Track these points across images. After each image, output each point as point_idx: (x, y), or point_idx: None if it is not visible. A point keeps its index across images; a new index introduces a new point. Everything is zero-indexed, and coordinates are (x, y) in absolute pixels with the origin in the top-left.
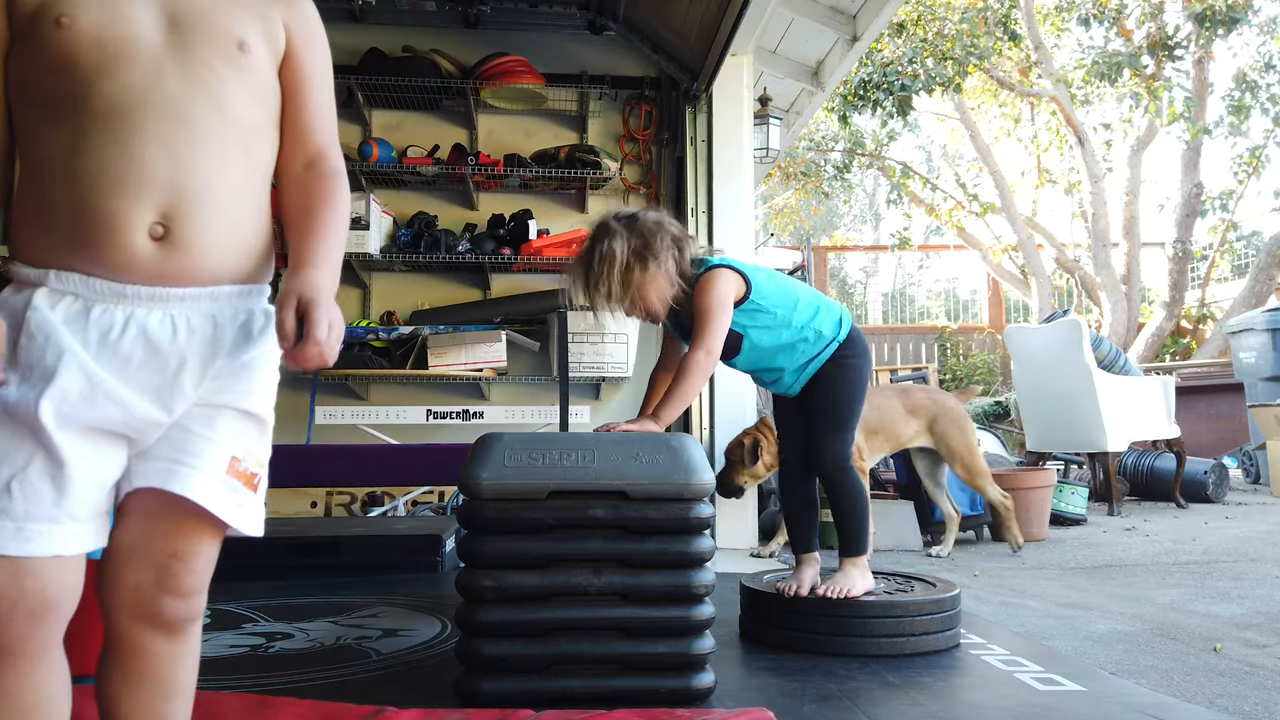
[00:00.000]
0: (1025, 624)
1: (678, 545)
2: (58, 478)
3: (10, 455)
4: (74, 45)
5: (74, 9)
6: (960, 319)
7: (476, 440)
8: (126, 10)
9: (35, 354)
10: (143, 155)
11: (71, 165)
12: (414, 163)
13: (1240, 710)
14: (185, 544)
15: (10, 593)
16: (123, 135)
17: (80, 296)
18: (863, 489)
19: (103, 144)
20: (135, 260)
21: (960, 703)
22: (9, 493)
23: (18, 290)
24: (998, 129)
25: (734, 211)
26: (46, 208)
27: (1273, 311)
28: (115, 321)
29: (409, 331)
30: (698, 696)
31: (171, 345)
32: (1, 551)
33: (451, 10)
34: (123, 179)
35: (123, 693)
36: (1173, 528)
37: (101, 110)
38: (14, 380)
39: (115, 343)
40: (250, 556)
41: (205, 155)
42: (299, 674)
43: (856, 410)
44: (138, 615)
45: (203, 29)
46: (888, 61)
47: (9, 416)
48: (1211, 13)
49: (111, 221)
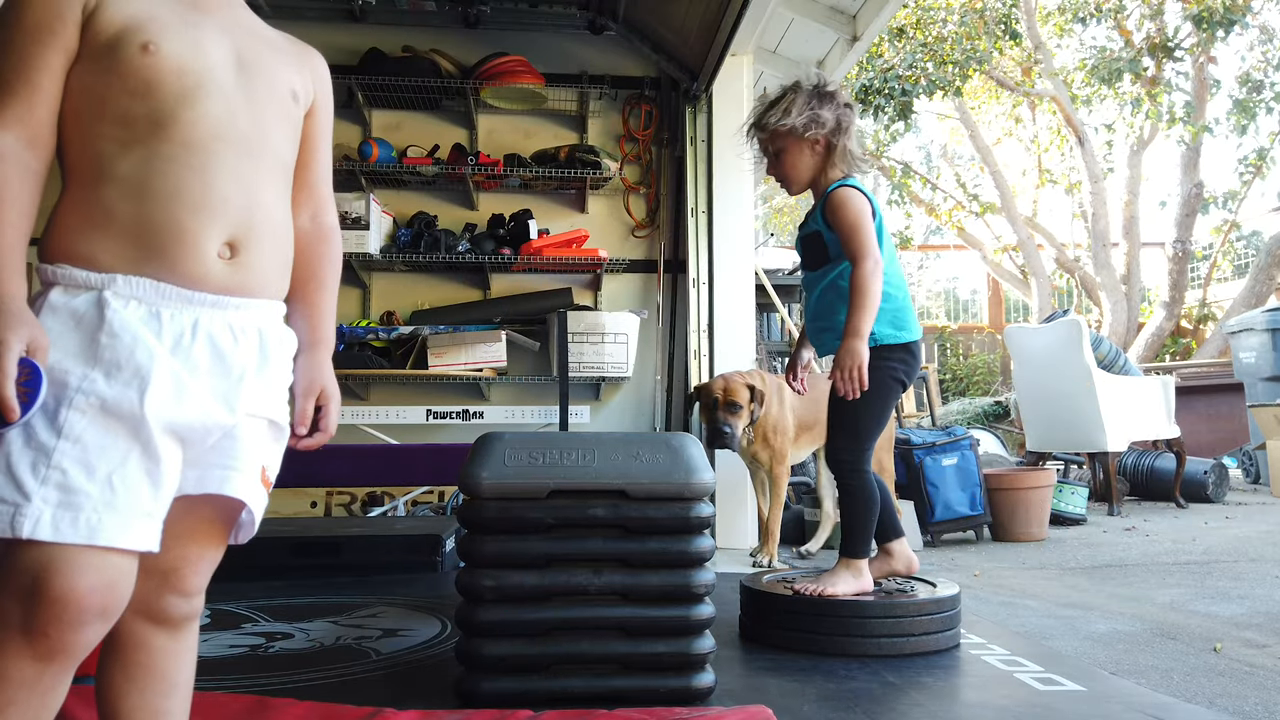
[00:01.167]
0: (1025, 624)
1: (678, 545)
2: (154, 474)
3: (107, 451)
4: (158, 72)
5: (160, 37)
6: (960, 319)
7: (477, 440)
8: (205, 45)
9: (123, 352)
10: (221, 185)
11: (146, 183)
12: (414, 163)
13: (1240, 710)
14: (197, 548)
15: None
16: (202, 164)
17: (145, 302)
18: (874, 494)
19: (182, 169)
20: (207, 275)
21: (960, 703)
22: (111, 486)
23: (71, 293)
24: (999, 130)
25: (734, 211)
26: (111, 217)
27: (1273, 311)
28: (185, 327)
29: (409, 331)
30: (698, 696)
31: (234, 352)
32: (114, 543)
33: (451, 10)
34: (202, 204)
35: (124, 689)
36: (1173, 528)
37: (181, 137)
38: (99, 378)
39: (188, 348)
40: (250, 556)
41: (264, 189)
42: (299, 674)
43: (880, 419)
44: (141, 613)
45: (265, 75)
46: (888, 66)
47: (105, 413)
48: (1209, 14)
49: (187, 239)
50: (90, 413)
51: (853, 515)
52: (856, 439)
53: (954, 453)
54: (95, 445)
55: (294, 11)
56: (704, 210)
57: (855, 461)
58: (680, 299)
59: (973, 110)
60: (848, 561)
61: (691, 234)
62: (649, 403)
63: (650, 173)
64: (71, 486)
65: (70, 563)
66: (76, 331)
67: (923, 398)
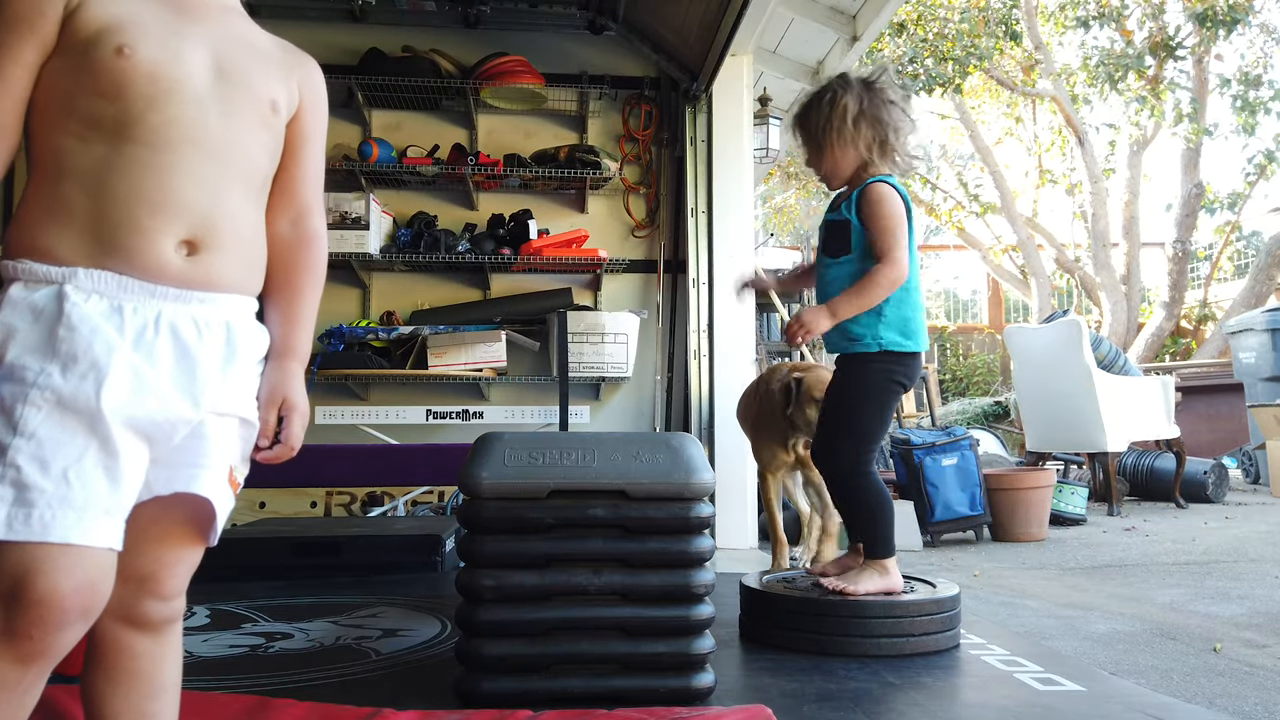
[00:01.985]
0: (1025, 624)
1: (677, 545)
2: (112, 470)
3: (64, 445)
4: (130, 75)
5: (136, 41)
6: (960, 319)
7: (477, 440)
8: (183, 53)
9: (80, 345)
10: (180, 188)
11: (104, 180)
12: (414, 163)
13: (1240, 710)
14: (173, 552)
15: (82, 593)
16: (164, 164)
17: (107, 296)
18: (883, 490)
19: (143, 169)
20: (165, 268)
21: (960, 703)
22: (67, 481)
23: (31, 288)
24: (999, 130)
25: (734, 211)
26: (70, 212)
27: (1273, 311)
28: (148, 320)
29: (409, 331)
30: (697, 696)
31: (198, 346)
32: (69, 539)
33: (451, 10)
34: (160, 204)
35: (108, 693)
36: (1172, 528)
37: (145, 138)
38: (55, 372)
39: (151, 342)
40: (250, 556)
41: (231, 195)
42: (299, 674)
43: (883, 422)
44: (120, 617)
45: (245, 85)
46: (889, 62)
47: (61, 407)
48: (1213, 13)
49: (144, 235)
50: (46, 408)
51: (867, 518)
52: (859, 441)
53: (954, 453)
54: (50, 440)
55: (294, 12)
56: (704, 210)
57: (858, 464)
58: (680, 299)
59: (973, 110)
60: (874, 563)
61: (691, 234)
62: (649, 403)
63: (650, 173)
64: (25, 483)
65: (52, 564)
66: (35, 326)
67: (922, 398)
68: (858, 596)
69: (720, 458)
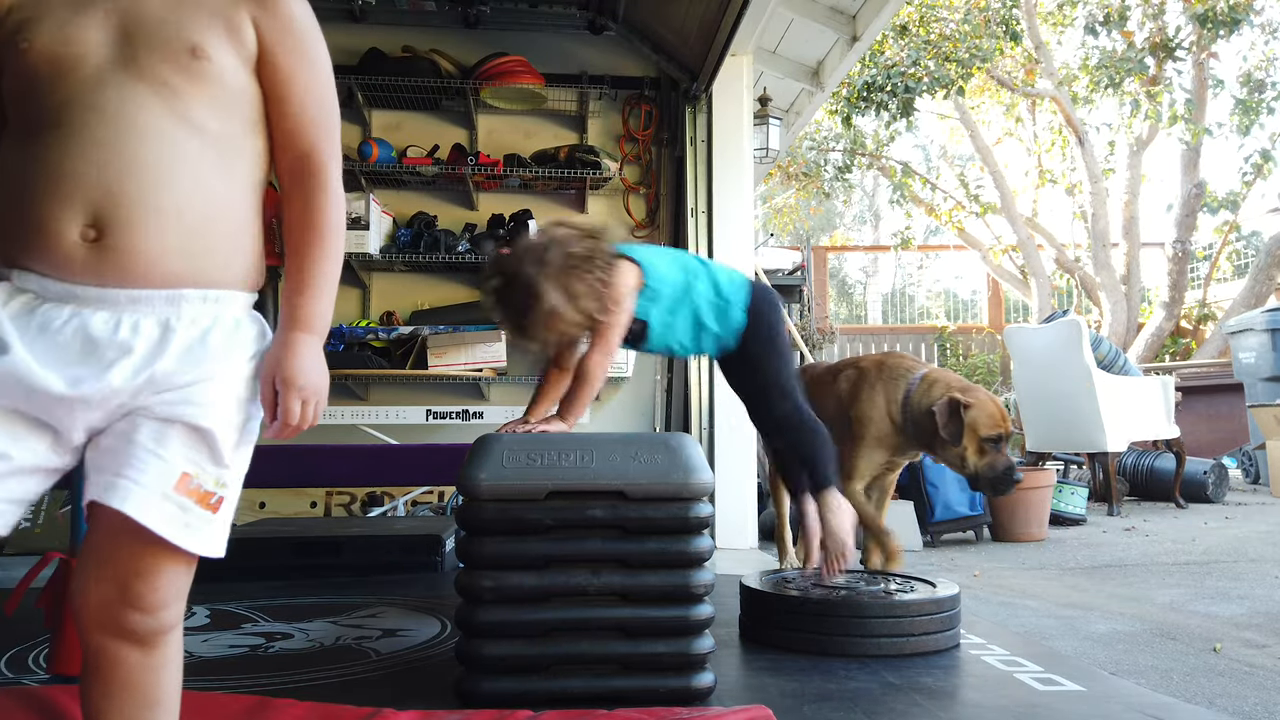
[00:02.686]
0: (1025, 624)
1: (676, 545)
2: None
3: None
4: (33, 67)
5: (33, 33)
6: (960, 319)
7: (475, 441)
8: (78, 31)
9: None
10: (70, 164)
11: (17, 176)
12: (414, 163)
13: (1240, 710)
14: (143, 561)
15: None
16: (53, 145)
17: (35, 294)
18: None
19: (38, 154)
20: (70, 261)
21: (960, 703)
22: None
23: None
24: (999, 130)
25: (734, 212)
26: (4, 214)
27: (1272, 311)
28: (61, 315)
29: (409, 331)
30: (697, 696)
31: (110, 341)
32: None
33: (451, 10)
34: (51, 187)
35: (102, 705)
36: (1172, 528)
37: (45, 122)
38: None
39: (55, 331)
40: (250, 556)
41: (146, 163)
42: (299, 674)
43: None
44: (107, 629)
45: (154, 40)
46: (891, 63)
47: None
48: (1213, 13)
49: (44, 226)
50: None
51: (820, 444)
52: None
53: None
54: None
55: None
56: (704, 210)
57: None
58: None
59: (973, 110)
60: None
61: (691, 234)
62: (649, 403)
63: (650, 173)
64: None
65: None
66: None
67: None
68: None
69: (720, 458)
